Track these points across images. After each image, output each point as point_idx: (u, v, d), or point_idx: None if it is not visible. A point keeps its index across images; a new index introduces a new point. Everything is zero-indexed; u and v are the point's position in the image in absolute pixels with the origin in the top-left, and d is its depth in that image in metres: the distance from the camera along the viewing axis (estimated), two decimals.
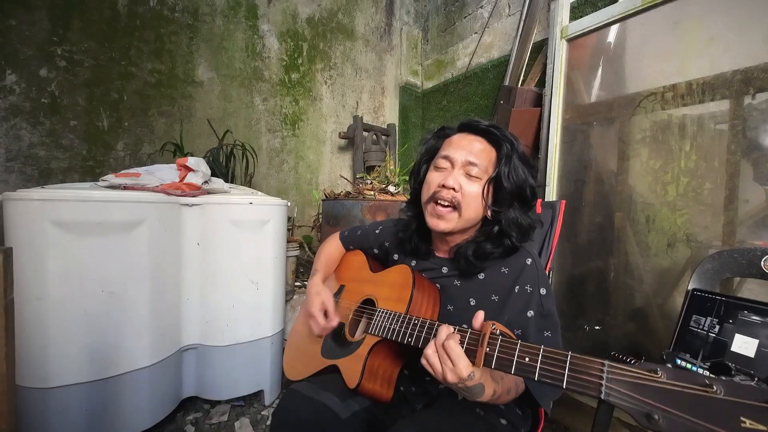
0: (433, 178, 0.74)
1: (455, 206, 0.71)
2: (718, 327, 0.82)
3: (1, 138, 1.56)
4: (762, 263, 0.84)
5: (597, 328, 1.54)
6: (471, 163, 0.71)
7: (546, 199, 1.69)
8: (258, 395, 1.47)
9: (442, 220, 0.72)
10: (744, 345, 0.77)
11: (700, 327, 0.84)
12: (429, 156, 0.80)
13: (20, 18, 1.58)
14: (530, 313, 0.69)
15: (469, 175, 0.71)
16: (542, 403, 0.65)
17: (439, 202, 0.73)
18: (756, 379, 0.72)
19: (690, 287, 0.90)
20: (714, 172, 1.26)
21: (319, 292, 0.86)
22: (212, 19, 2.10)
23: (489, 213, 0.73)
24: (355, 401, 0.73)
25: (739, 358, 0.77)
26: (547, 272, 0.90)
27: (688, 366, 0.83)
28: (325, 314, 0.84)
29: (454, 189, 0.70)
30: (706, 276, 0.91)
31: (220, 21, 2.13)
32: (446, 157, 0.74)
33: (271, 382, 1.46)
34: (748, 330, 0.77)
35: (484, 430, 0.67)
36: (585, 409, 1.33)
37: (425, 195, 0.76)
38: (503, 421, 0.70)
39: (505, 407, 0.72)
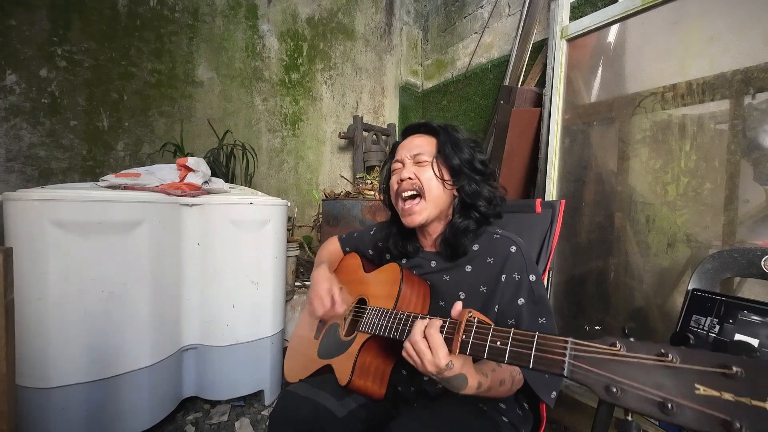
0: (393, 180, 0.82)
1: (419, 193, 0.77)
2: (718, 327, 0.82)
3: (1, 138, 1.56)
4: (762, 263, 0.84)
5: (597, 328, 1.54)
6: (416, 154, 0.79)
7: (546, 199, 1.69)
8: (258, 395, 1.47)
9: (414, 215, 0.77)
10: None
11: (701, 327, 0.84)
12: (390, 171, 0.87)
13: (20, 18, 1.58)
14: (521, 301, 0.69)
15: (419, 163, 0.78)
16: (542, 395, 0.65)
17: (403, 195, 0.78)
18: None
19: (690, 287, 0.90)
20: (714, 172, 1.26)
21: (329, 278, 0.86)
22: (212, 19, 2.10)
23: (448, 186, 0.77)
24: (352, 400, 0.73)
25: None
26: (547, 272, 0.90)
27: None
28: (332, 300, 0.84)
29: (410, 178, 0.77)
30: (706, 276, 0.91)
31: (220, 21, 2.13)
32: (396, 160, 0.83)
33: (271, 382, 1.46)
34: (748, 330, 0.77)
35: (487, 425, 0.66)
36: (585, 409, 1.33)
37: (393, 197, 0.83)
38: (505, 419, 0.70)
39: (505, 407, 0.72)
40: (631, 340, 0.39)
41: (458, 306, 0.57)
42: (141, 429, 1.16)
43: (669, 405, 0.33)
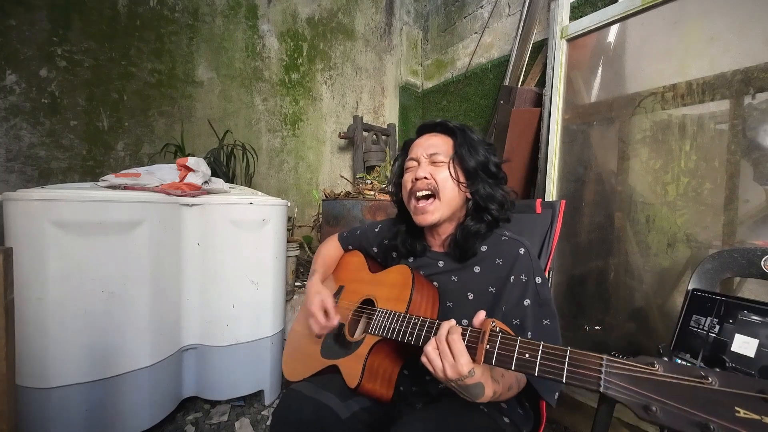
0: (407, 178, 0.82)
1: (433, 193, 0.77)
2: (718, 327, 0.82)
3: (1, 138, 1.56)
4: (762, 263, 0.84)
5: (597, 328, 1.54)
6: (433, 154, 0.79)
7: (546, 199, 1.69)
8: (258, 395, 1.47)
9: (427, 214, 0.77)
10: (744, 345, 0.77)
11: (700, 327, 0.84)
12: (402, 168, 0.86)
13: (20, 18, 1.58)
14: (527, 302, 0.70)
15: (434, 163, 0.78)
16: (546, 396, 0.65)
17: (417, 195, 0.78)
18: (756, 374, 0.72)
19: (690, 287, 0.90)
20: (714, 172, 1.26)
21: (319, 291, 0.87)
22: (212, 19, 2.10)
23: (463, 188, 0.78)
24: (356, 401, 0.73)
25: (740, 357, 0.76)
26: (547, 272, 0.90)
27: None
28: (326, 313, 0.84)
29: (426, 178, 0.77)
30: (706, 276, 0.91)
31: (220, 21, 2.13)
32: (411, 158, 0.82)
33: (271, 382, 1.46)
34: (748, 330, 0.77)
35: (489, 426, 0.67)
36: (585, 409, 1.33)
37: (405, 195, 0.83)
38: (506, 419, 0.70)
39: (507, 407, 0.72)
40: (665, 359, 0.40)
41: (481, 315, 0.56)
42: (141, 429, 1.16)
43: (711, 426, 0.34)
